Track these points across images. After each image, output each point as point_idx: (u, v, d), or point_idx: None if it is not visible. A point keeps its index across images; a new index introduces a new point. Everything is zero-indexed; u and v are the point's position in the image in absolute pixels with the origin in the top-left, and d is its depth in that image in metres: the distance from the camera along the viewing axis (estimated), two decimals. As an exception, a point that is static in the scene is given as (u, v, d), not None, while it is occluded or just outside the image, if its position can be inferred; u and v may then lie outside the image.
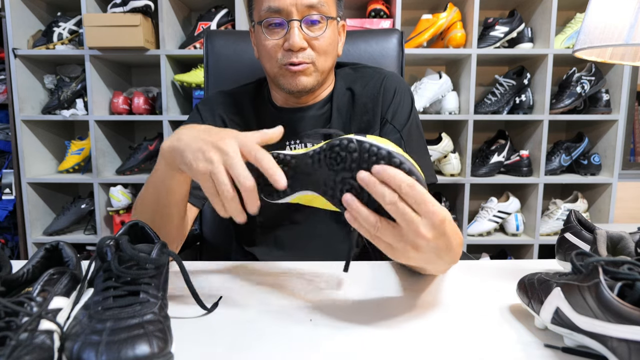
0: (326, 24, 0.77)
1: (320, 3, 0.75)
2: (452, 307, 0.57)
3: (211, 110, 0.87)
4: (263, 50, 0.79)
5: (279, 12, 0.74)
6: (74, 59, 1.96)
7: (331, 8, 0.78)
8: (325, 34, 0.77)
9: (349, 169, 0.50)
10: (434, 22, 1.84)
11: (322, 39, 0.77)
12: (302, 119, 0.85)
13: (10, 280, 0.47)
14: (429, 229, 0.47)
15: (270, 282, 0.66)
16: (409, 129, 0.83)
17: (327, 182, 0.52)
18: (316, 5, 0.75)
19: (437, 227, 0.47)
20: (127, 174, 1.95)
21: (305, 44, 0.76)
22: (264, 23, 0.76)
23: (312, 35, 0.76)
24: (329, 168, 0.51)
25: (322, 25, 0.77)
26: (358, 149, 0.49)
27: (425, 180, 0.81)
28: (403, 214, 0.46)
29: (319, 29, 0.77)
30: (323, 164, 0.52)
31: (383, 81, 0.85)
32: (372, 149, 0.48)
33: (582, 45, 0.85)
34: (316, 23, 0.76)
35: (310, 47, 0.77)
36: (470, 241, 1.93)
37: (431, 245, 0.48)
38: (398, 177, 0.46)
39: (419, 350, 0.46)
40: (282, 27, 0.76)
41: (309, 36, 0.76)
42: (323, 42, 0.77)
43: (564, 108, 1.87)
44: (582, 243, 0.64)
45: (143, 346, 0.40)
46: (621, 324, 0.38)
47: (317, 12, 0.75)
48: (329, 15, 0.77)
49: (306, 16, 0.75)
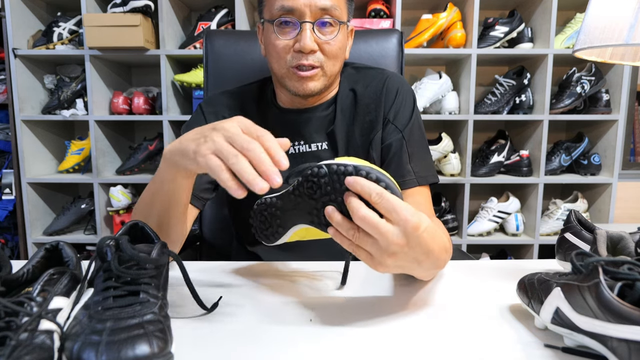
0: (338, 29, 0.76)
1: (334, 7, 0.74)
2: (452, 307, 0.57)
3: (215, 111, 0.87)
4: (272, 50, 0.78)
5: (292, 12, 0.74)
6: (74, 59, 1.96)
7: (343, 12, 0.78)
8: (337, 38, 0.77)
9: (326, 192, 0.52)
10: (434, 22, 1.84)
11: (333, 43, 0.76)
12: (306, 120, 0.85)
13: (10, 280, 0.47)
14: (402, 236, 0.47)
15: (270, 282, 0.66)
16: (410, 128, 0.83)
17: (312, 211, 0.54)
18: (330, 8, 0.74)
19: (409, 234, 0.47)
20: (127, 174, 1.95)
21: (316, 46, 0.75)
22: (275, 22, 0.75)
23: (323, 38, 0.75)
24: (310, 197, 0.54)
25: (334, 29, 0.76)
26: (328, 172, 0.51)
27: (427, 180, 0.82)
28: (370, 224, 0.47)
29: (331, 33, 0.76)
30: (304, 196, 0.54)
31: (385, 82, 0.85)
32: (339, 168, 0.50)
33: (582, 45, 0.85)
34: (329, 26, 0.76)
35: (320, 50, 0.76)
36: (470, 241, 1.93)
37: (406, 252, 0.49)
38: (366, 186, 0.48)
39: (419, 350, 0.46)
40: (294, 27, 0.75)
41: (321, 39, 0.75)
42: (334, 47, 0.77)
43: (564, 108, 1.87)
44: (582, 243, 0.64)
45: (143, 346, 0.40)
46: (621, 324, 0.38)
47: (330, 16, 0.75)
48: (341, 19, 0.76)
49: (319, 19, 0.74)
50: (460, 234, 1.96)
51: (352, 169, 0.50)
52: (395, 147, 0.82)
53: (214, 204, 1.13)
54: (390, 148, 0.82)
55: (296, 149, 0.85)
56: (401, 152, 0.82)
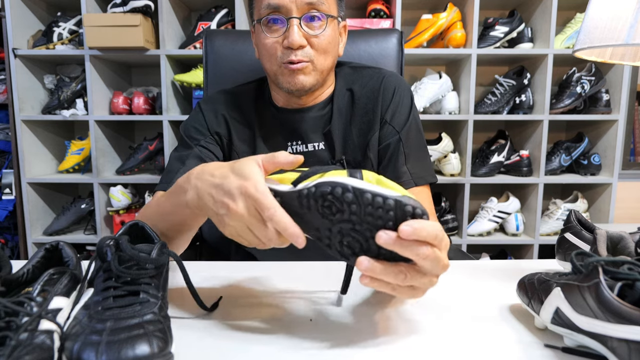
0: (326, 23, 0.77)
1: (320, 1, 0.75)
2: (452, 307, 0.57)
3: (214, 110, 0.87)
4: (263, 49, 0.79)
5: (279, 10, 0.74)
6: (74, 59, 1.96)
7: (332, 7, 0.78)
8: (325, 32, 0.77)
9: (349, 220, 0.43)
10: (434, 22, 1.84)
11: (322, 37, 0.77)
12: (303, 119, 0.85)
13: (10, 280, 0.47)
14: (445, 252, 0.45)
15: (270, 282, 0.66)
16: (408, 129, 0.83)
17: (321, 229, 0.46)
18: (316, 3, 0.74)
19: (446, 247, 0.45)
20: (127, 174, 1.95)
21: (305, 41, 0.75)
22: (263, 21, 0.76)
23: (311, 33, 0.76)
24: (323, 216, 0.45)
25: (322, 24, 0.77)
26: (357, 202, 0.42)
27: (425, 180, 0.83)
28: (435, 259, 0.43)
29: (319, 27, 0.76)
30: (314, 210, 0.45)
31: (382, 81, 0.85)
32: (376, 200, 0.41)
33: (582, 45, 0.85)
34: (316, 21, 0.76)
35: (309, 45, 0.76)
36: (470, 241, 1.93)
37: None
38: (431, 232, 0.41)
39: (419, 350, 0.46)
40: (281, 24, 0.76)
41: (309, 34, 0.76)
42: (323, 41, 0.77)
43: (564, 108, 1.87)
44: (582, 243, 0.64)
45: (143, 346, 0.40)
46: (621, 324, 0.38)
47: (316, 10, 0.75)
48: (329, 13, 0.77)
49: (306, 14, 0.75)
50: (460, 234, 1.96)
51: (393, 205, 0.41)
52: (392, 149, 0.82)
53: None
54: (387, 149, 0.82)
55: (293, 149, 0.85)
56: (398, 153, 0.82)
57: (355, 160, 0.84)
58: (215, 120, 0.86)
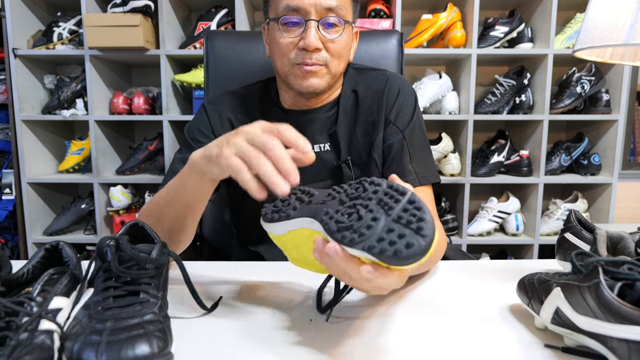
0: (343, 28, 0.77)
1: (339, 7, 0.75)
2: (452, 307, 0.57)
3: (218, 112, 0.87)
4: (276, 47, 0.78)
5: (297, 11, 0.74)
6: (74, 59, 1.96)
7: (348, 12, 0.78)
8: (342, 37, 0.77)
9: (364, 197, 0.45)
10: (434, 22, 1.84)
11: (338, 42, 0.77)
12: (309, 121, 0.85)
13: (10, 280, 0.47)
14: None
15: (270, 282, 0.66)
16: (411, 129, 0.83)
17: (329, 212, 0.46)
18: (335, 8, 0.74)
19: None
20: (127, 174, 1.95)
21: (321, 45, 0.75)
22: (281, 20, 0.76)
23: (328, 37, 0.76)
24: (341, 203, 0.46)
25: (339, 29, 0.76)
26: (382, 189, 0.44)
27: (428, 179, 0.83)
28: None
29: (336, 32, 0.76)
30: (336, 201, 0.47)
31: (387, 82, 0.85)
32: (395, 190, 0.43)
33: (582, 45, 0.85)
34: (333, 26, 0.76)
35: (325, 49, 0.76)
36: (470, 241, 1.93)
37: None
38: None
39: (419, 350, 0.46)
40: (299, 25, 0.75)
41: (326, 38, 0.76)
42: (338, 46, 0.77)
43: (564, 108, 1.87)
44: (582, 243, 0.64)
45: (143, 346, 0.40)
46: (621, 324, 0.38)
47: (335, 15, 0.75)
48: (346, 19, 0.77)
49: (324, 18, 0.75)
50: (460, 234, 1.96)
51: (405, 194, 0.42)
52: (396, 148, 0.82)
53: (213, 205, 1.13)
54: (391, 148, 0.83)
55: None
56: (402, 153, 0.82)
57: (360, 160, 0.84)
58: (219, 123, 0.86)
